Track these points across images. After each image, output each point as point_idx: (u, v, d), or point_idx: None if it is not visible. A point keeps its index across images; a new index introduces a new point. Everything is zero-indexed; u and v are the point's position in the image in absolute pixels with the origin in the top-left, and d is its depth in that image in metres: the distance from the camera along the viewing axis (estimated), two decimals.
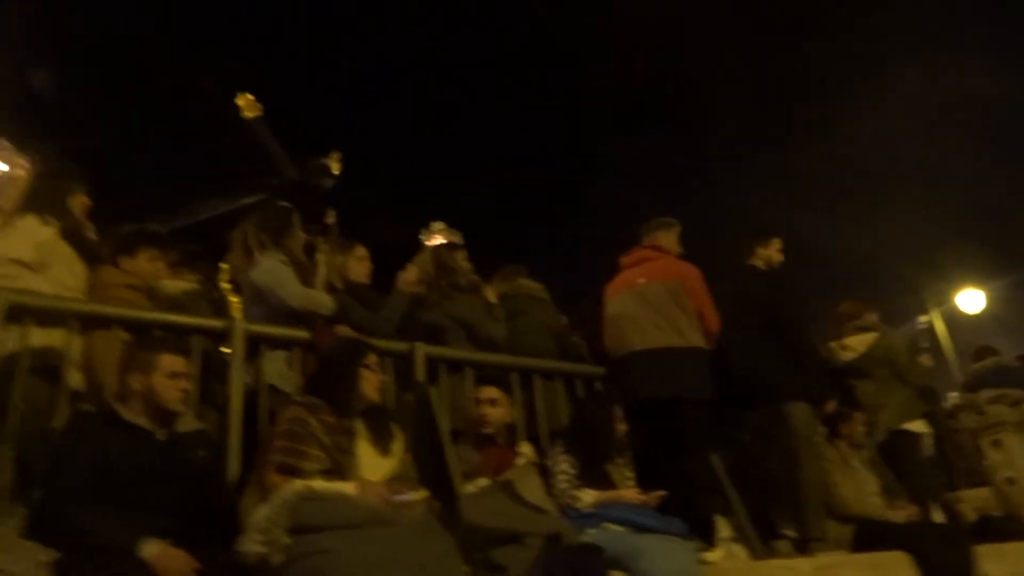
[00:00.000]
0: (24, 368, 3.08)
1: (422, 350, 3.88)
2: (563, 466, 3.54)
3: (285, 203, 4.59)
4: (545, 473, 3.51)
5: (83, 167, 3.73)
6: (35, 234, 3.36)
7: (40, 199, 3.49)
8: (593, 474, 3.55)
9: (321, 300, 3.77)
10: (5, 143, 6.31)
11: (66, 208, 3.56)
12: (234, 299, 4.45)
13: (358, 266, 4.27)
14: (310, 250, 4.17)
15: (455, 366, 4.01)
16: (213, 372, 3.52)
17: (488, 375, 3.79)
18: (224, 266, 4.09)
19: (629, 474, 3.69)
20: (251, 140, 7.28)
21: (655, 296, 4.23)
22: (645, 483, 3.62)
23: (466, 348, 4.12)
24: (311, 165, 7.26)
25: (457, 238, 4.81)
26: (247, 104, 7.48)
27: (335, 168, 7.36)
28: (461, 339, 4.14)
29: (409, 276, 4.12)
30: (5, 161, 6.41)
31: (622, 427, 3.75)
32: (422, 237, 5.23)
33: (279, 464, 2.80)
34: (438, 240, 4.94)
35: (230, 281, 4.13)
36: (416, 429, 3.22)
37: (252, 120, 7.43)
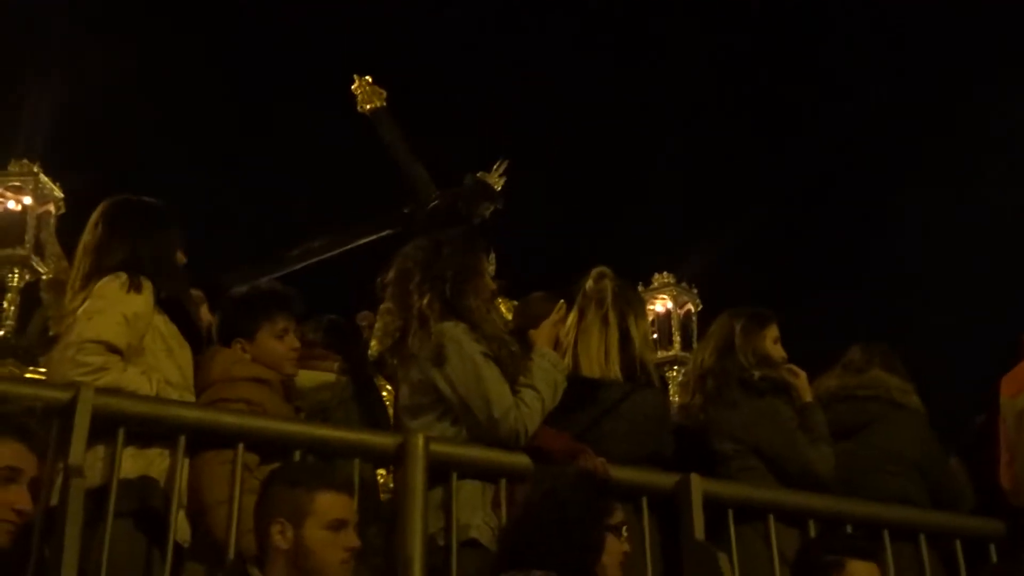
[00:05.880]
0: (111, 512, 3.20)
1: (699, 487, 3.84)
2: None
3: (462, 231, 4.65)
4: None
5: None
6: (124, 304, 3.50)
7: (125, 251, 3.66)
8: None
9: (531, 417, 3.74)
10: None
11: (162, 266, 3.71)
12: (385, 389, 4.54)
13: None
14: None
15: (750, 513, 3.97)
16: (371, 515, 3.57)
17: (853, 543, 3.65)
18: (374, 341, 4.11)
19: None
20: (375, 147, 7.54)
21: None
22: None
23: (767, 484, 4.13)
24: (462, 184, 7.43)
25: (693, 299, 4.74)
26: (365, 92, 7.77)
27: (497, 185, 7.48)
28: (757, 472, 4.15)
29: None
30: (30, 192, 6.97)
31: None
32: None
33: None
34: (665, 304, 4.91)
35: (379, 363, 4.17)
36: None
37: (372, 115, 7.71)
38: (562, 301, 4.12)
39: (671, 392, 7.12)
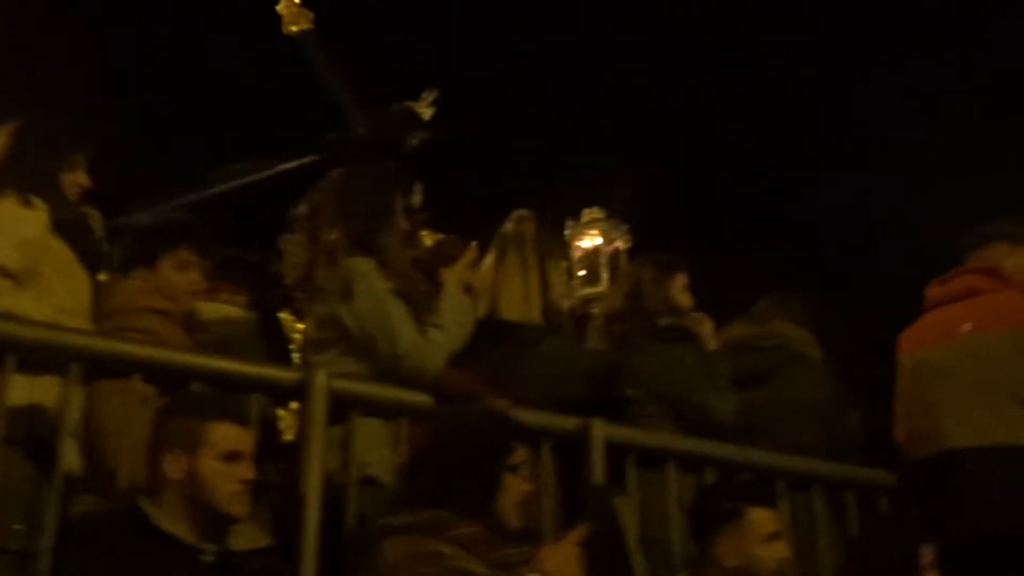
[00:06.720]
0: None
1: (601, 431, 3.90)
2: None
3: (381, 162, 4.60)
4: None
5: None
6: (17, 225, 3.42)
7: (21, 171, 3.57)
8: None
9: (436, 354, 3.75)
10: None
11: (59, 188, 3.65)
12: (297, 326, 4.53)
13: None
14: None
15: (651, 458, 4.05)
16: (270, 451, 3.58)
17: (752, 490, 3.77)
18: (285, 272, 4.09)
19: None
20: (301, 70, 7.43)
21: (991, 354, 4.13)
22: None
23: (668, 430, 4.20)
24: (389, 112, 7.37)
25: (622, 236, 4.80)
26: (291, 12, 7.64)
27: (425, 115, 7.44)
28: (660, 418, 4.21)
29: None
30: None
31: None
32: (567, 234, 5.20)
33: None
34: (594, 240, 5.01)
35: (285, 297, 4.18)
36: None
37: (299, 37, 7.59)
38: (475, 243, 4.15)
39: None
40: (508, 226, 4.29)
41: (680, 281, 4.49)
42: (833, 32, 11.06)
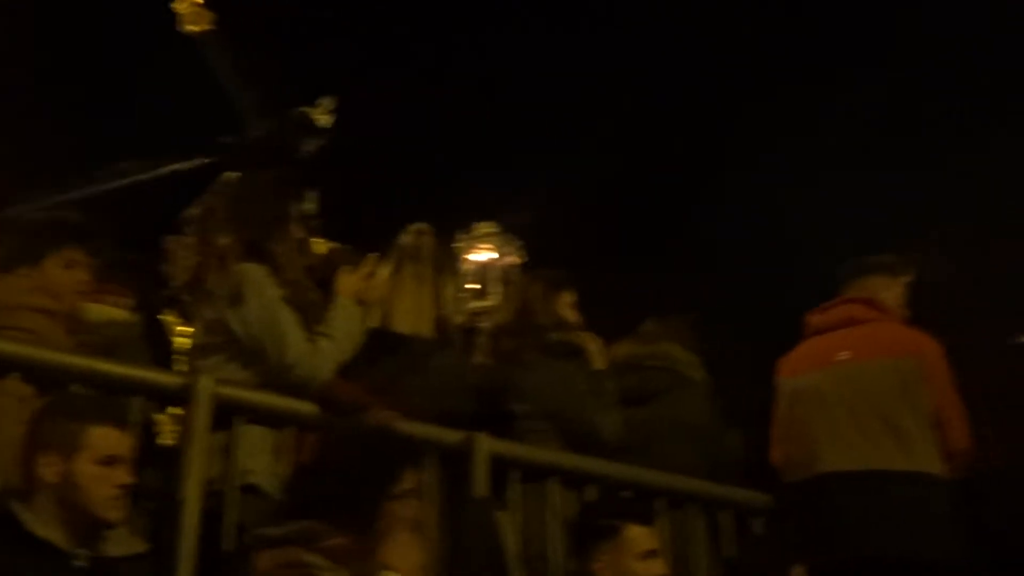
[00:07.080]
0: None
1: (485, 445, 3.92)
2: None
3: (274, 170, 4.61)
4: None
5: None
6: None
7: None
8: None
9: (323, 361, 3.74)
10: None
11: None
12: (180, 329, 4.47)
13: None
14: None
15: (535, 474, 4.07)
16: (149, 456, 3.50)
17: (630, 507, 3.82)
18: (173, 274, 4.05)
19: None
20: (199, 71, 7.34)
21: (868, 383, 4.28)
22: None
23: (554, 446, 4.21)
24: (286, 118, 7.30)
25: (516, 251, 4.83)
26: (191, 11, 7.55)
27: (323, 122, 7.40)
28: (546, 434, 4.22)
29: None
30: None
31: None
32: (459, 247, 5.21)
33: None
34: (487, 254, 5.04)
35: (172, 299, 4.14)
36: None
37: (198, 37, 7.50)
38: (371, 255, 4.16)
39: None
40: (406, 239, 4.30)
41: (567, 298, 4.55)
42: (741, 45, 11.13)
